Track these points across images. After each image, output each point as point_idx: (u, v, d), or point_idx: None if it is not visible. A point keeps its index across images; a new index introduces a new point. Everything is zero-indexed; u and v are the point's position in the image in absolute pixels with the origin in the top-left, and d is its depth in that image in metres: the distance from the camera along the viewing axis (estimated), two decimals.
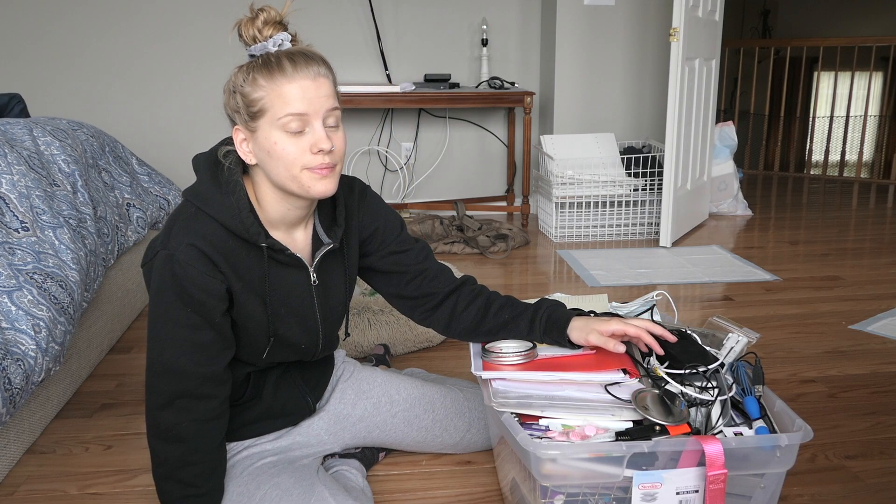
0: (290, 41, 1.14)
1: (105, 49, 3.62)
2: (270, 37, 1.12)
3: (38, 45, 3.56)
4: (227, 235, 1.16)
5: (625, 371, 1.24)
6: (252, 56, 1.14)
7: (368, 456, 1.52)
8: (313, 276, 1.27)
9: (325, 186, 1.14)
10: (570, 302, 1.56)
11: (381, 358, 1.96)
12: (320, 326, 1.31)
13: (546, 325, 1.33)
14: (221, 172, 1.18)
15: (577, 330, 1.30)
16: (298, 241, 1.27)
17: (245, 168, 1.22)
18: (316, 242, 1.29)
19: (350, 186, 1.35)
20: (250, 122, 1.13)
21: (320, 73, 1.12)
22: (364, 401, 1.46)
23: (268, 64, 1.10)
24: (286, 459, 1.32)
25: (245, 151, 1.16)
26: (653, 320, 1.49)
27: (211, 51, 3.68)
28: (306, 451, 1.38)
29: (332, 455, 1.48)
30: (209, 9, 3.64)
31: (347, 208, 1.33)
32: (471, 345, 1.42)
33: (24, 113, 2.57)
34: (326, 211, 1.31)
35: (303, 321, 1.28)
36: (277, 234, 1.23)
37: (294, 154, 1.11)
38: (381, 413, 1.46)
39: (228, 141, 1.22)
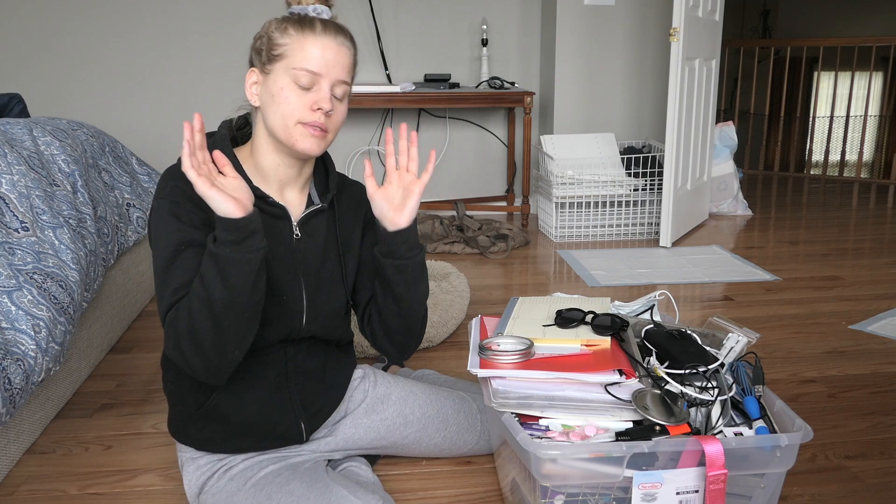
0: (329, 17, 1.22)
1: (105, 49, 3.62)
2: (313, 4, 1.21)
3: (38, 45, 3.56)
4: None
5: (620, 371, 1.24)
6: (291, 13, 1.21)
7: (371, 455, 1.52)
8: (296, 231, 1.27)
9: (310, 144, 1.19)
10: (571, 302, 1.56)
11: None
12: (302, 283, 1.27)
13: (378, 247, 1.29)
14: (209, 137, 1.25)
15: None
16: (291, 202, 1.29)
17: (236, 139, 1.30)
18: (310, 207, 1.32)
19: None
20: (267, 65, 1.19)
21: (344, 44, 1.19)
22: (378, 423, 1.43)
23: (302, 20, 1.19)
24: (289, 466, 1.29)
25: (252, 93, 1.22)
26: (652, 320, 1.49)
27: (211, 51, 3.68)
28: (307, 457, 1.34)
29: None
30: (210, 9, 3.64)
31: (351, 186, 1.37)
32: (470, 342, 1.42)
33: (24, 113, 2.57)
34: (320, 178, 1.35)
35: (283, 273, 1.25)
36: (270, 192, 1.25)
37: (295, 105, 1.16)
38: (393, 435, 1.45)
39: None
